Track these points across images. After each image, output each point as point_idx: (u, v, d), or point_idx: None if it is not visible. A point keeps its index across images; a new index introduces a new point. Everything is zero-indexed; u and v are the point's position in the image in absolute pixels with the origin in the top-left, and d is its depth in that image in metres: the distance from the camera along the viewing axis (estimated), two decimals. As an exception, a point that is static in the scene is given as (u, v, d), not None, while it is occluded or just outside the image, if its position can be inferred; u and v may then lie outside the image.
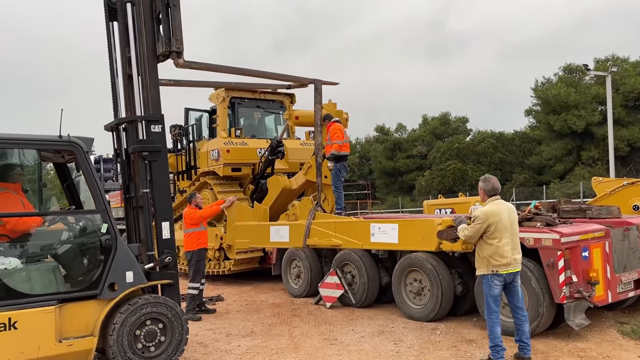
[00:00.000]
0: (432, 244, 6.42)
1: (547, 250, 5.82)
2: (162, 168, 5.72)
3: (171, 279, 5.60)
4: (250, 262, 11.13)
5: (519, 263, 5.16)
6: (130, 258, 5.22)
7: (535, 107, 37.80)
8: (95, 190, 5.13)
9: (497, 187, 5.30)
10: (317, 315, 7.78)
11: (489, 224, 5.07)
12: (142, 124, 5.63)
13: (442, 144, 40.93)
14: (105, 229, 5.11)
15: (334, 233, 7.74)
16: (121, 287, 5.11)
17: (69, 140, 5.05)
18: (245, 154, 11.49)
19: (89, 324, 5.00)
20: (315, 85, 8.26)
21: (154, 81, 5.78)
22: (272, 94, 12.64)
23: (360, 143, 54.86)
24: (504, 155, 37.55)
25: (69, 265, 5.20)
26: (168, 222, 5.69)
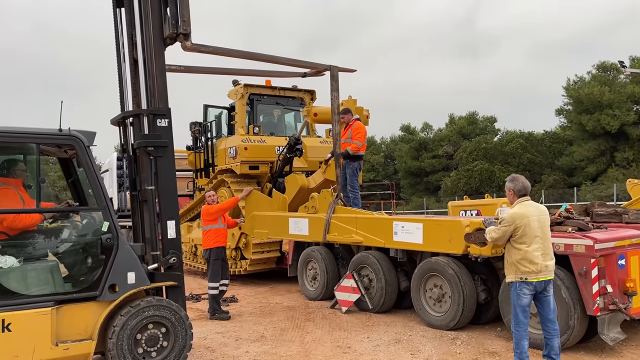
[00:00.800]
0: (459, 246, 6.05)
1: (579, 257, 5.37)
2: (168, 164, 5.42)
3: (176, 280, 5.32)
4: (267, 262, 10.86)
5: (551, 271, 4.72)
6: (133, 258, 4.96)
7: (566, 106, 36.72)
8: (96, 186, 4.90)
9: (527, 186, 4.88)
10: (331, 320, 7.44)
11: (516, 227, 4.67)
12: (148, 118, 5.39)
13: (469, 143, 40.10)
14: (107, 227, 4.86)
15: (354, 229, 7.41)
16: (122, 288, 4.87)
17: (70, 134, 4.83)
18: (263, 151, 11.22)
19: (88, 326, 4.77)
20: (332, 72, 7.90)
21: (161, 69, 5.50)
22: (291, 91, 12.35)
23: (386, 142, 54.33)
24: (533, 156, 36.54)
25: (68, 265, 5.03)
26: (174, 221, 5.42)
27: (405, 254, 7.58)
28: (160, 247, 5.37)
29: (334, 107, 7.98)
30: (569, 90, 34.93)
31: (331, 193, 8.21)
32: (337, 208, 7.93)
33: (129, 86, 5.66)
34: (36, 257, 4.89)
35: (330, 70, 7.93)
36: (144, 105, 5.47)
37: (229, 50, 6.41)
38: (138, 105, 5.49)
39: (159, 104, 5.43)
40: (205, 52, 6.11)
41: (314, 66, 7.98)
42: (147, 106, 5.45)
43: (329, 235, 7.71)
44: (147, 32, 5.46)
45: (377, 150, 53.12)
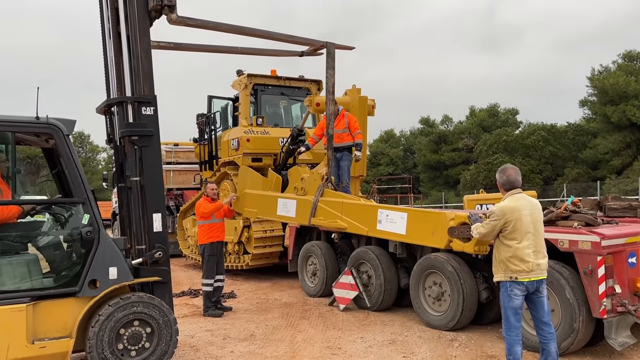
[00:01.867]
0: (441, 240, 5.73)
1: (585, 254, 4.94)
2: (153, 154, 5.21)
3: (162, 276, 5.08)
4: (269, 257, 10.59)
5: (543, 270, 4.33)
6: (115, 252, 4.75)
7: (591, 97, 35.59)
8: (76, 177, 4.69)
9: (514, 179, 4.43)
10: (327, 318, 7.13)
11: (506, 222, 4.28)
12: (133, 105, 5.16)
13: (489, 136, 39.21)
14: (87, 220, 4.65)
15: (340, 214, 7.10)
16: (103, 284, 4.65)
17: (47, 122, 4.60)
18: (267, 143, 10.93)
19: (67, 324, 4.55)
20: (328, 49, 7.55)
21: (146, 48, 5.24)
22: (297, 81, 12.02)
23: (405, 136, 53.65)
24: (556, 149, 35.53)
25: (46, 259, 4.78)
26: (160, 214, 5.20)
27: (405, 250, 7.24)
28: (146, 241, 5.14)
29: (329, 86, 7.65)
30: (593, 81, 33.79)
31: (322, 176, 7.90)
32: (326, 192, 7.59)
33: (115, 73, 5.40)
34: (14, 250, 4.69)
35: (326, 47, 7.58)
36: (128, 91, 5.24)
37: (217, 24, 6.10)
38: (122, 92, 5.26)
39: (144, 90, 5.19)
40: (192, 25, 5.84)
41: (309, 42, 7.59)
42: (132, 92, 5.21)
43: (314, 219, 7.38)
44: (131, 5, 5.22)
45: (396, 143, 52.51)
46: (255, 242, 10.23)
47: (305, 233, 9.28)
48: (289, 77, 11.92)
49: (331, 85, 7.63)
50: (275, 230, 10.34)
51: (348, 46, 8.07)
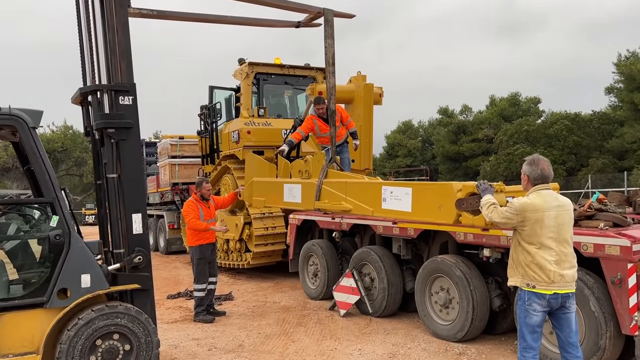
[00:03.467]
0: (449, 215, 5.14)
1: (613, 261, 4.26)
2: (132, 149, 4.69)
3: (142, 283, 4.58)
4: (272, 255, 10.03)
5: (569, 282, 3.63)
6: (88, 258, 4.27)
7: (617, 84, 34.09)
8: (43, 174, 4.20)
9: (547, 175, 3.75)
10: (325, 325, 6.55)
11: (524, 220, 3.66)
12: (109, 94, 4.62)
13: (510, 126, 38.01)
14: (55, 222, 4.17)
15: (344, 196, 6.57)
16: (74, 293, 4.18)
17: (10, 113, 4.14)
18: (268, 135, 10.36)
19: (34, 338, 4.10)
20: (326, 17, 7.00)
21: (123, 22, 4.66)
22: (302, 69, 11.40)
23: (423, 126, 52.59)
24: (580, 139, 34.19)
25: (10, 266, 4.30)
26: (140, 214, 4.68)
27: (411, 251, 6.62)
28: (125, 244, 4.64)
29: (329, 57, 7.08)
30: (620, 67, 32.37)
31: (324, 156, 7.36)
32: (330, 172, 7.04)
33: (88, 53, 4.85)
34: None
35: (324, 15, 7.02)
36: (104, 77, 4.70)
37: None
38: (97, 79, 4.73)
39: (121, 76, 4.64)
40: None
41: (304, 8, 7.01)
42: (107, 79, 4.67)
43: (319, 202, 6.85)
44: None
45: (414, 134, 51.49)
46: (257, 240, 9.68)
47: (306, 231, 8.70)
48: (293, 65, 11.31)
49: (331, 56, 7.08)
50: (278, 227, 9.78)
51: (348, 14, 7.51)
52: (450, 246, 6.09)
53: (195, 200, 7.24)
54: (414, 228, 6.21)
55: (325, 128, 7.99)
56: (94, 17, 4.77)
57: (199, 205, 7.16)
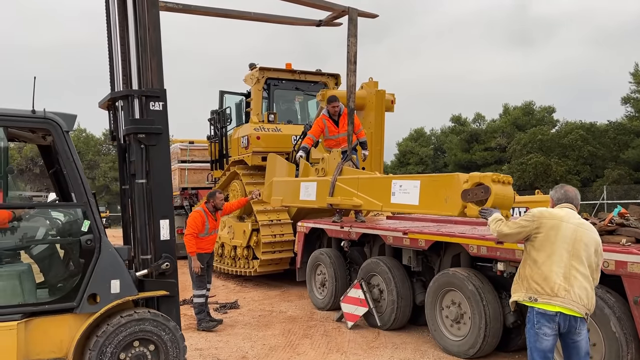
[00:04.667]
0: (455, 207, 4.88)
1: (636, 279, 4.02)
2: (162, 154, 4.62)
3: (169, 289, 4.51)
4: (279, 263, 9.85)
5: (575, 301, 3.38)
6: (118, 263, 4.21)
7: (634, 94, 33.62)
8: (76, 179, 4.12)
9: (571, 196, 3.66)
10: (332, 337, 6.36)
11: (539, 227, 3.51)
12: (140, 100, 4.56)
13: (523, 135, 37.58)
14: (87, 226, 4.12)
15: (356, 191, 6.44)
16: (104, 299, 4.12)
17: (45, 116, 4.07)
18: (278, 141, 10.22)
19: (63, 343, 4.03)
20: (350, 16, 6.93)
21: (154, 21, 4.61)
22: (313, 75, 11.26)
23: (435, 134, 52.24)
24: (595, 149, 33.68)
25: (42, 271, 4.27)
26: (167, 220, 4.60)
27: (421, 263, 6.42)
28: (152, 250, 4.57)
29: (351, 55, 7.00)
30: (637, 77, 31.95)
31: (340, 153, 7.24)
32: (345, 170, 6.92)
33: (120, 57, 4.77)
34: (4, 260, 4.17)
35: (348, 13, 6.97)
36: (135, 82, 4.64)
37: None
38: (128, 85, 4.68)
39: (152, 80, 4.59)
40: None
41: (329, 6, 7.03)
42: (138, 80, 4.61)
43: (332, 198, 6.76)
44: None
45: (426, 142, 51.17)
46: (264, 247, 9.51)
47: (314, 239, 8.53)
48: (305, 71, 11.18)
49: (353, 55, 6.99)
50: (286, 234, 9.62)
51: (371, 13, 7.49)
52: (462, 259, 5.88)
53: (204, 212, 7.04)
54: (425, 239, 6.03)
55: (334, 130, 7.82)
56: (126, 17, 4.71)
57: (206, 217, 6.96)
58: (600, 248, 3.58)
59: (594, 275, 3.53)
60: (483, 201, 4.50)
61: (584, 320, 3.45)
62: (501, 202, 4.45)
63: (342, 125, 7.73)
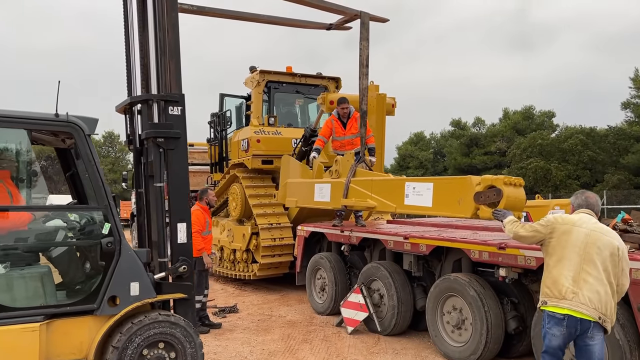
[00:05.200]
0: (467, 208, 4.92)
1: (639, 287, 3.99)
2: (180, 158, 4.64)
3: (186, 292, 4.53)
4: (279, 267, 9.80)
5: (585, 304, 3.42)
6: (137, 266, 4.26)
7: (634, 99, 33.64)
8: (97, 181, 4.18)
9: (593, 202, 3.76)
10: (332, 342, 6.31)
11: (552, 231, 3.62)
12: (159, 104, 4.60)
13: (523, 139, 37.59)
14: (107, 229, 4.17)
15: (370, 193, 6.47)
16: (124, 301, 4.16)
17: (67, 120, 4.13)
18: (278, 144, 10.17)
19: (83, 345, 4.07)
20: (362, 20, 6.99)
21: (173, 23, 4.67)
22: (314, 78, 11.23)
23: (435, 138, 52.27)
24: (595, 154, 33.69)
25: (61, 273, 4.29)
26: (185, 224, 4.62)
27: (422, 268, 6.37)
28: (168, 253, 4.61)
29: (363, 59, 7.05)
30: (637, 82, 31.98)
31: (354, 155, 7.29)
32: (358, 171, 6.95)
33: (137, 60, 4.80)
34: (24, 262, 4.18)
35: (360, 17, 7.03)
36: (154, 87, 4.68)
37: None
38: (147, 89, 4.71)
39: (170, 86, 4.63)
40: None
41: (341, 10, 7.09)
42: (158, 88, 4.66)
43: (346, 200, 6.80)
44: None
45: (426, 146, 51.21)
46: (264, 251, 9.46)
47: (314, 243, 8.49)
48: (305, 74, 11.14)
49: (365, 58, 7.05)
50: (285, 238, 9.57)
51: (382, 18, 7.52)
52: (463, 264, 5.84)
53: (202, 210, 7.06)
54: (426, 244, 5.99)
55: (341, 131, 7.87)
56: (145, 20, 4.74)
57: (205, 215, 6.97)
58: (620, 252, 3.54)
59: (612, 279, 3.51)
60: (495, 203, 4.59)
61: (599, 325, 3.45)
62: (513, 204, 4.53)
63: (349, 128, 7.80)
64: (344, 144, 7.86)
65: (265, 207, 9.80)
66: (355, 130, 7.73)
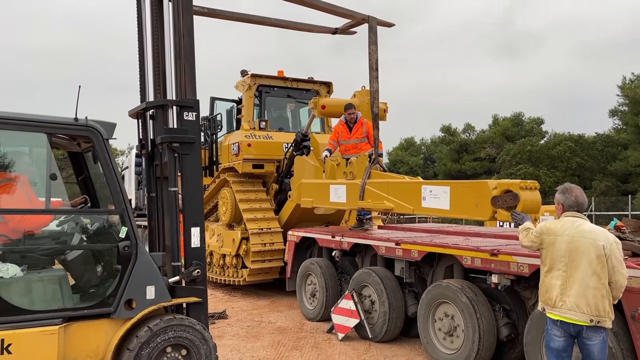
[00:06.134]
0: (485, 212, 5.07)
1: (634, 294, 3.97)
2: (194, 163, 4.69)
3: (199, 296, 4.58)
4: (269, 272, 9.69)
5: (571, 309, 3.58)
6: (153, 270, 4.29)
7: (621, 107, 34.06)
8: (114, 186, 4.22)
9: (581, 202, 3.80)
10: (322, 349, 6.23)
11: (541, 242, 3.81)
12: (174, 110, 4.62)
13: (512, 146, 37.88)
14: (125, 233, 4.21)
15: (386, 195, 6.53)
16: (140, 304, 4.19)
17: (87, 124, 4.18)
18: (269, 148, 10.10)
19: (99, 348, 4.09)
20: (370, 24, 7.11)
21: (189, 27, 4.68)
22: (305, 82, 11.19)
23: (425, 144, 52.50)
24: (583, 160, 34.06)
25: (79, 276, 4.33)
26: (198, 228, 4.66)
27: (414, 274, 6.33)
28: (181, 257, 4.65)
29: (372, 62, 7.16)
30: (624, 90, 32.35)
31: (368, 157, 7.37)
32: (373, 173, 7.00)
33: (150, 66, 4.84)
34: (42, 266, 4.21)
35: (368, 22, 7.15)
36: (169, 92, 4.71)
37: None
38: (162, 94, 4.73)
39: (186, 91, 4.64)
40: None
41: (350, 14, 7.24)
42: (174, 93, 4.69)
43: (363, 202, 6.86)
44: None
45: (416, 151, 51.43)
46: (254, 256, 9.37)
47: (305, 249, 8.42)
48: (297, 79, 11.10)
49: (374, 62, 7.17)
50: (276, 243, 9.48)
51: (388, 22, 7.73)
52: (455, 270, 5.81)
53: None
54: (418, 250, 5.95)
55: (346, 136, 8.03)
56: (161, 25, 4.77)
57: None
58: (606, 250, 3.56)
59: (605, 279, 3.56)
60: (512, 206, 4.73)
61: (596, 327, 3.53)
62: (530, 207, 4.67)
63: (354, 132, 7.95)
64: (349, 148, 8.00)
65: (256, 211, 9.72)
66: (360, 135, 7.89)
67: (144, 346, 4.05)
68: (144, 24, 4.90)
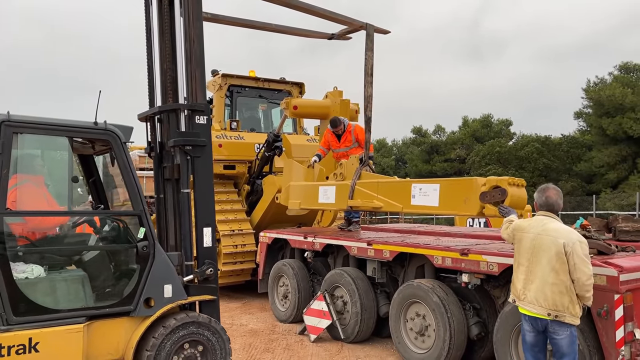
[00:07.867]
0: (474, 207, 5.16)
1: (599, 291, 4.03)
2: (206, 165, 4.83)
3: (212, 294, 4.77)
4: (240, 274, 9.60)
5: (532, 303, 3.80)
6: (170, 269, 4.43)
7: (586, 109, 34.96)
8: (132, 188, 4.32)
9: (554, 202, 3.93)
10: (294, 351, 6.19)
11: (513, 238, 4.09)
12: (186, 113, 4.73)
13: (482, 147, 38.51)
14: (143, 233, 4.35)
15: (376, 194, 6.56)
16: (158, 303, 4.33)
17: (106, 128, 4.31)
18: (241, 149, 10.00)
19: (119, 345, 4.22)
20: (367, 31, 7.29)
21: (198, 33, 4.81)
22: (277, 83, 11.13)
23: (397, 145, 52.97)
24: (550, 161, 34.83)
25: (99, 276, 4.41)
26: (210, 228, 4.83)
27: (386, 274, 6.35)
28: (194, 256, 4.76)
29: (368, 68, 7.28)
30: (589, 92, 33.21)
31: (358, 159, 7.45)
32: (363, 174, 7.05)
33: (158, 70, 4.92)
34: (64, 266, 4.32)
35: (366, 29, 7.35)
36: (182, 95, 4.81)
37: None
38: (173, 98, 4.82)
39: (196, 95, 4.75)
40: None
41: (348, 21, 7.44)
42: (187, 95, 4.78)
43: (352, 201, 6.88)
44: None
45: (387, 152, 51.81)
46: (225, 258, 9.26)
47: (277, 250, 8.37)
48: (269, 79, 11.03)
49: (370, 67, 7.30)
50: (248, 245, 9.40)
51: (384, 30, 7.95)
52: (427, 270, 5.85)
53: None
54: (390, 250, 5.97)
55: (336, 145, 8.18)
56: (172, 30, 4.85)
57: None
58: (567, 248, 3.67)
59: (565, 276, 3.68)
60: (499, 202, 4.84)
61: (561, 322, 3.67)
62: (516, 203, 4.80)
63: (343, 141, 8.09)
64: (339, 156, 8.09)
65: (227, 213, 9.61)
66: (349, 143, 8.03)
67: (164, 342, 4.18)
68: (152, 32, 4.99)
